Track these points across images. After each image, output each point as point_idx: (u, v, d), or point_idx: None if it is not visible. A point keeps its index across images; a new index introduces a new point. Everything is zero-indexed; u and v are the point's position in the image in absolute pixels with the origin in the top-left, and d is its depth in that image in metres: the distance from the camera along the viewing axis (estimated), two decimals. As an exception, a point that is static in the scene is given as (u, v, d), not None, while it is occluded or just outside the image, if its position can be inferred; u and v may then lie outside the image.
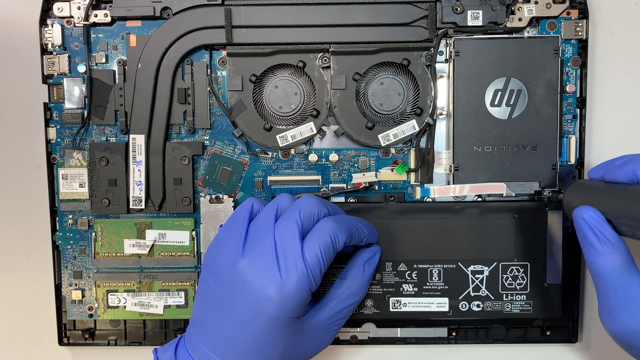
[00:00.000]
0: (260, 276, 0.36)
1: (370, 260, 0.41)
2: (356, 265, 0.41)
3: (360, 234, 0.40)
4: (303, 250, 0.36)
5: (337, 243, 0.37)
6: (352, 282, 0.40)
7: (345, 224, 0.38)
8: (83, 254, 0.47)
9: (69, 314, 0.47)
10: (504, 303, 0.45)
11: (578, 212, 0.36)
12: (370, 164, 0.46)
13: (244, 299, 0.36)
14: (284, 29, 0.44)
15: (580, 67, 0.45)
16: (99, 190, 0.45)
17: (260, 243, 0.37)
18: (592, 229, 0.35)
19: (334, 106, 0.45)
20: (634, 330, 0.34)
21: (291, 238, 0.37)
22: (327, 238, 0.37)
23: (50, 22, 0.45)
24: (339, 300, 0.40)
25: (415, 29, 0.44)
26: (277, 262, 0.36)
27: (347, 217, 0.40)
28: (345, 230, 0.38)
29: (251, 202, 0.40)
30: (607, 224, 0.35)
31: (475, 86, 0.44)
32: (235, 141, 0.46)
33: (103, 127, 0.46)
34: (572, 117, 0.45)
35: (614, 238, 0.35)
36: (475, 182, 0.44)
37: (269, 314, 0.36)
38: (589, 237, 0.35)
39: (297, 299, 0.36)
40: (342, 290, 0.40)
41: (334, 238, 0.37)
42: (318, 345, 0.40)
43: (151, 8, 0.44)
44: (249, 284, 0.36)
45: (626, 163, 0.35)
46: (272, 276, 0.36)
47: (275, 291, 0.35)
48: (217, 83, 0.45)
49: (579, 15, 0.44)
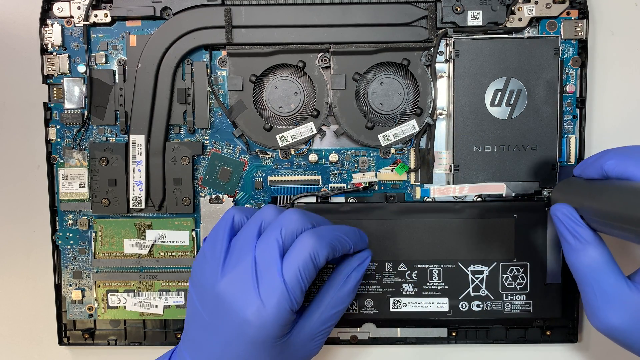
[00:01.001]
0: (238, 298, 0.35)
1: (358, 267, 0.39)
2: (342, 274, 0.39)
3: (345, 246, 0.38)
4: (282, 270, 0.35)
5: (317, 260, 0.36)
6: (337, 292, 0.39)
7: (327, 239, 0.37)
8: (83, 254, 0.47)
9: (69, 314, 0.47)
10: (504, 303, 0.45)
11: (553, 209, 0.37)
12: (370, 164, 0.46)
13: (226, 320, 0.35)
14: (284, 29, 0.44)
15: (580, 67, 0.45)
16: (99, 190, 0.45)
17: (240, 262, 0.36)
18: (565, 226, 0.36)
19: (334, 106, 0.45)
20: (615, 326, 0.34)
21: (271, 257, 0.35)
22: (306, 256, 0.35)
23: (50, 22, 0.45)
24: (324, 309, 0.38)
25: (415, 29, 0.44)
26: (256, 284, 0.35)
27: (330, 231, 0.38)
28: (326, 245, 0.36)
29: (232, 213, 0.39)
30: (580, 220, 0.35)
31: (475, 86, 0.44)
32: (235, 141, 0.46)
33: (103, 127, 0.46)
34: (572, 117, 0.45)
35: (587, 234, 0.35)
36: (475, 182, 0.44)
37: (249, 337, 0.35)
38: (564, 233, 0.36)
39: (278, 321, 0.35)
40: (327, 301, 0.38)
41: (314, 255, 0.36)
42: (307, 355, 0.39)
43: (151, 8, 0.44)
44: (229, 306, 0.35)
45: (597, 159, 0.36)
46: (250, 298, 0.35)
47: (254, 314, 0.34)
48: (217, 83, 0.45)
49: (579, 15, 0.44)
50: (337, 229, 0.39)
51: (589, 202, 0.35)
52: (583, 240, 0.35)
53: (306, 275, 0.36)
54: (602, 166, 0.35)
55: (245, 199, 0.46)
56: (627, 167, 0.34)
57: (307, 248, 0.36)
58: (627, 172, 0.34)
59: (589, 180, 0.37)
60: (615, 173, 0.34)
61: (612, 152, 0.35)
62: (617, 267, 0.35)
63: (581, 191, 0.36)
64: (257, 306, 0.35)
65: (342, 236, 0.38)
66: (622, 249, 0.46)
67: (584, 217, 0.36)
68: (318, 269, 0.36)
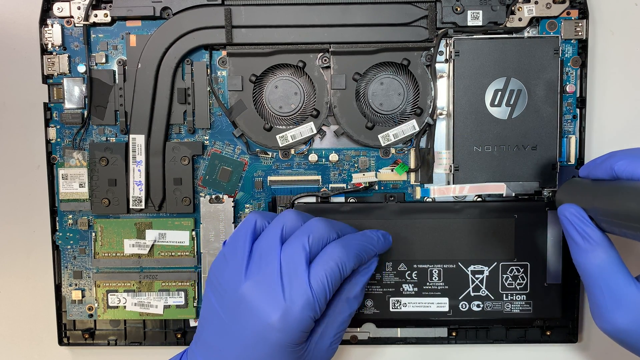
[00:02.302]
0: (263, 301, 0.35)
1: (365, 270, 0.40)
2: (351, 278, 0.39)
3: (370, 254, 0.39)
4: (309, 277, 0.35)
5: (344, 270, 0.36)
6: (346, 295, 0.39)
7: (354, 249, 0.37)
8: (83, 254, 0.47)
9: (69, 314, 0.47)
10: (504, 303, 0.45)
11: (561, 209, 0.36)
12: (370, 164, 0.46)
13: (247, 323, 0.35)
14: (284, 29, 0.44)
15: (580, 67, 0.45)
16: (99, 190, 0.45)
17: (266, 266, 0.36)
18: (574, 226, 0.35)
19: (334, 106, 0.45)
20: (622, 328, 0.33)
21: (298, 263, 0.35)
22: (333, 265, 0.36)
23: (50, 22, 0.45)
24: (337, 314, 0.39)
25: (415, 29, 0.44)
26: (282, 287, 0.35)
27: (357, 240, 0.38)
28: (353, 256, 0.37)
29: (254, 218, 0.39)
30: (589, 221, 0.35)
31: (475, 86, 0.44)
32: (235, 141, 0.46)
33: (103, 127, 0.46)
34: (572, 117, 0.45)
35: (596, 235, 0.35)
36: (475, 182, 0.44)
37: (271, 341, 0.35)
38: (572, 234, 0.35)
39: (301, 326, 0.35)
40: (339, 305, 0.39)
41: (341, 266, 0.36)
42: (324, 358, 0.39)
43: (151, 8, 0.44)
44: (252, 308, 0.35)
45: (605, 160, 0.35)
46: (276, 301, 0.35)
47: (279, 318, 0.34)
48: (217, 83, 0.45)
49: (579, 15, 0.44)
50: (363, 237, 0.39)
51: (600, 203, 0.34)
52: (592, 241, 0.35)
53: (332, 284, 0.36)
54: (612, 167, 0.35)
55: (245, 199, 0.46)
56: (638, 167, 0.33)
57: (335, 258, 0.36)
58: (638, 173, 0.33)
59: (598, 180, 0.36)
60: (626, 174, 0.34)
61: (622, 153, 0.35)
62: (626, 269, 0.34)
63: (590, 191, 0.36)
64: (282, 310, 0.34)
65: (368, 245, 0.39)
66: (627, 249, 0.46)
67: (593, 218, 0.35)
68: (343, 278, 0.37)
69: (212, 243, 0.45)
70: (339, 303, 0.39)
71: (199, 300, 0.46)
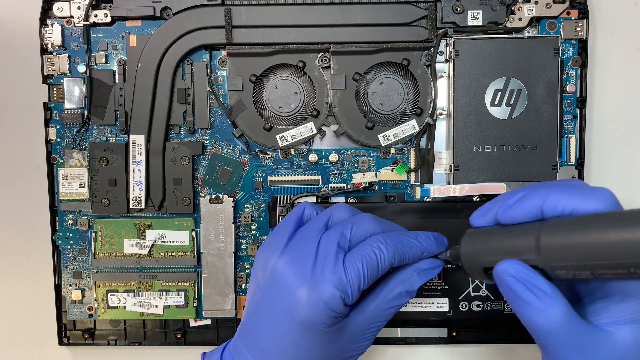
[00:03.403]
0: (293, 275, 0.34)
1: (425, 271, 0.37)
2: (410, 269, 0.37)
3: (415, 252, 0.36)
4: (345, 259, 0.34)
5: (382, 262, 0.35)
6: (399, 283, 0.37)
7: (395, 244, 0.35)
8: (83, 254, 0.47)
9: (69, 314, 0.47)
10: (504, 303, 0.45)
11: (501, 268, 0.30)
12: (370, 164, 0.46)
13: (277, 298, 0.35)
14: (284, 29, 0.44)
15: (580, 67, 0.45)
16: (99, 190, 0.45)
17: (303, 245, 0.36)
18: (524, 285, 0.30)
19: (334, 106, 0.45)
20: None
21: (335, 246, 0.35)
22: (371, 254, 0.35)
23: (50, 22, 0.45)
24: (378, 304, 0.37)
25: (415, 29, 0.44)
26: (313, 263, 0.34)
27: (401, 236, 0.36)
28: (393, 250, 0.35)
29: (303, 206, 0.39)
30: (538, 275, 0.29)
31: (475, 86, 0.44)
32: (235, 141, 0.46)
33: (103, 127, 0.46)
34: (572, 117, 0.45)
35: (549, 288, 0.29)
36: (475, 182, 0.44)
37: (298, 318, 0.34)
38: (523, 295, 0.30)
39: (329, 306, 0.34)
40: (388, 290, 0.37)
41: (380, 257, 0.35)
42: (355, 352, 0.37)
43: (151, 8, 0.44)
44: (282, 283, 0.35)
45: (522, 200, 0.31)
46: (304, 276, 0.34)
47: (306, 292, 0.34)
48: (217, 83, 0.45)
49: (579, 15, 0.44)
50: (408, 234, 0.37)
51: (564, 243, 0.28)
52: (547, 296, 0.29)
53: (368, 272, 0.34)
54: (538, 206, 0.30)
55: (246, 199, 0.46)
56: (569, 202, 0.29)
57: (374, 248, 0.35)
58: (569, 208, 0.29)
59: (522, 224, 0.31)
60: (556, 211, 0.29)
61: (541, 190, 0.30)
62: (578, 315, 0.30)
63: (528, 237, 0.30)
64: (310, 285, 0.34)
65: (412, 241, 0.37)
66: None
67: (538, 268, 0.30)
68: (382, 272, 0.35)
69: (212, 243, 0.45)
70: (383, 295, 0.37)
71: (199, 300, 0.46)
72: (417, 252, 0.37)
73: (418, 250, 0.37)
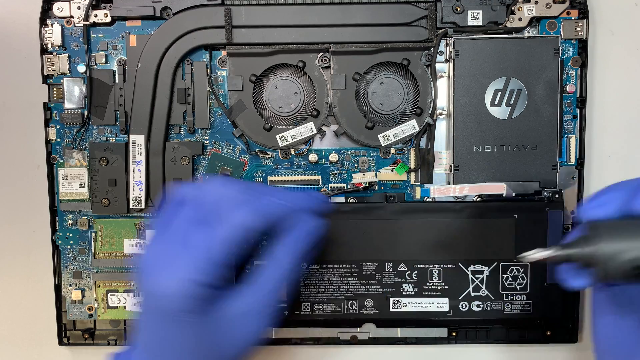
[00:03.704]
0: (145, 270, 0.32)
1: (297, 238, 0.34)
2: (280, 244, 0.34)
3: (284, 211, 0.33)
4: (192, 238, 0.31)
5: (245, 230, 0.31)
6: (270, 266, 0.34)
7: (257, 206, 0.32)
8: (83, 254, 0.47)
9: (69, 314, 0.47)
10: (504, 303, 0.45)
11: None
12: (370, 164, 0.46)
13: (142, 297, 0.33)
14: (284, 29, 0.44)
15: (580, 67, 0.45)
16: (99, 190, 0.45)
17: (155, 237, 0.34)
18: None
19: (334, 106, 0.45)
20: None
21: (184, 229, 0.32)
22: (229, 227, 0.31)
23: (50, 22, 0.45)
24: (257, 286, 0.33)
25: (415, 29, 0.44)
26: (164, 254, 0.32)
27: (268, 199, 0.33)
28: (254, 212, 0.32)
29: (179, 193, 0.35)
30: None
31: (475, 86, 0.44)
32: (235, 141, 0.46)
33: (103, 127, 0.46)
34: (572, 117, 0.45)
35: None
36: (475, 182, 0.44)
37: (156, 309, 0.32)
38: None
39: (183, 291, 0.31)
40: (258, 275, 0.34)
41: (241, 225, 0.31)
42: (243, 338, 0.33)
43: (151, 8, 0.44)
44: (140, 280, 0.33)
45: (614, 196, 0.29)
46: (157, 266, 0.32)
47: (156, 284, 0.31)
48: (217, 83, 0.45)
49: (579, 15, 0.44)
50: (271, 192, 0.34)
51: None
52: None
53: (227, 246, 0.31)
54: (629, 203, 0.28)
55: (245, 199, 0.46)
56: None
57: (233, 218, 0.32)
58: None
59: None
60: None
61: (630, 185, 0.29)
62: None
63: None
64: (158, 275, 0.31)
65: (277, 200, 0.33)
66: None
67: None
68: (247, 241, 0.32)
69: (212, 243, 0.45)
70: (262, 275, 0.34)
71: (199, 300, 0.46)
72: (285, 211, 0.34)
73: (285, 209, 0.34)
